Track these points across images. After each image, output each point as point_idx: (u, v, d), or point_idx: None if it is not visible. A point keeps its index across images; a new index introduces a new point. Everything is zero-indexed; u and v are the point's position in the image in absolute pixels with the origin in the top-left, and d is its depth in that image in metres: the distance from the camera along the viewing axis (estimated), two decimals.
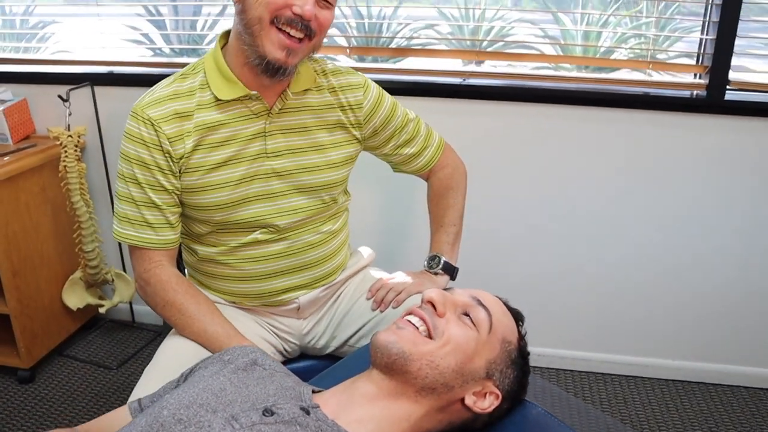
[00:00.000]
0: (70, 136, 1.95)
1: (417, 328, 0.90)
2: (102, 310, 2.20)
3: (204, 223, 1.24)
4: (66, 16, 2.36)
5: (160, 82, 1.22)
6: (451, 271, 1.40)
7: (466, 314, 0.92)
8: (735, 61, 1.79)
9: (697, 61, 1.89)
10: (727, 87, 1.81)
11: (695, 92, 1.86)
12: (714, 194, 1.91)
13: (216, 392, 0.85)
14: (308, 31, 1.11)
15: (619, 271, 2.04)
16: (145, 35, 2.34)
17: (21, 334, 1.99)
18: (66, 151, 1.95)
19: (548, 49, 2.18)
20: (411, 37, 2.20)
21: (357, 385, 0.89)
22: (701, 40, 1.85)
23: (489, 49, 2.20)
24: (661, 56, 1.97)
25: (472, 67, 2.03)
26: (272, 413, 0.81)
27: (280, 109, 1.21)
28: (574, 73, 2.02)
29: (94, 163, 2.20)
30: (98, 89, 2.11)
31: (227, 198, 1.20)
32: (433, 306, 0.92)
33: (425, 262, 1.41)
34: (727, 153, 1.86)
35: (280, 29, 1.10)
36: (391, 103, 1.36)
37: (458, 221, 1.44)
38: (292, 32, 1.10)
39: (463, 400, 0.89)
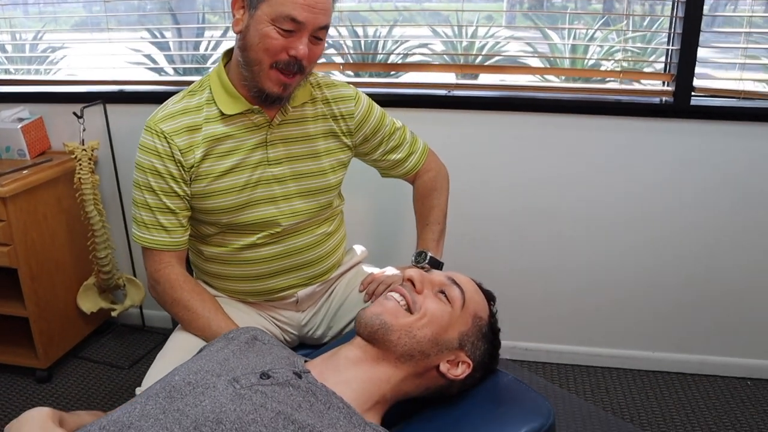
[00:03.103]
0: (85, 149, 2.09)
1: (398, 302, 1.03)
2: (114, 314, 2.32)
3: (212, 225, 1.36)
4: (75, 42, 2.50)
5: (170, 98, 1.34)
6: (437, 265, 1.49)
7: (442, 292, 1.05)
8: (699, 69, 1.92)
9: (665, 70, 2.02)
10: (692, 93, 1.93)
11: (663, 99, 1.98)
12: (684, 193, 2.02)
13: (221, 361, 0.97)
14: (301, 69, 1.23)
15: (599, 268, 2.14)
16: (148, 56, 2.47)
17: (39, 336, 2.11)
18: (81, 164, 2.08)
19: (532, 62, 2.31)
20: (405, 55, 2.31)
21: (343, 351, 1.01)
22: (667, 50, 1.99)
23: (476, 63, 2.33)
24: (630, 66, 2.09)
25: (456, 80, 2.15)
26: (269, 376, 0.92)
27: (280, 122, 1.33)
28: (552, 84, 2.14)
29: (106, 175, 2.33)
30: (110, 106, 2.25)
31: (233, 202, 1.32)
32: (413, 284, 1.05)
33: (413, 258, 1.50)
34: (693, 154, 1.98)
35: (277, 69, 1.22)
36: (380, 113, 1.48)
37: (442, 220, 1.55)
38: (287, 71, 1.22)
39: (438, 367, 1.01)
